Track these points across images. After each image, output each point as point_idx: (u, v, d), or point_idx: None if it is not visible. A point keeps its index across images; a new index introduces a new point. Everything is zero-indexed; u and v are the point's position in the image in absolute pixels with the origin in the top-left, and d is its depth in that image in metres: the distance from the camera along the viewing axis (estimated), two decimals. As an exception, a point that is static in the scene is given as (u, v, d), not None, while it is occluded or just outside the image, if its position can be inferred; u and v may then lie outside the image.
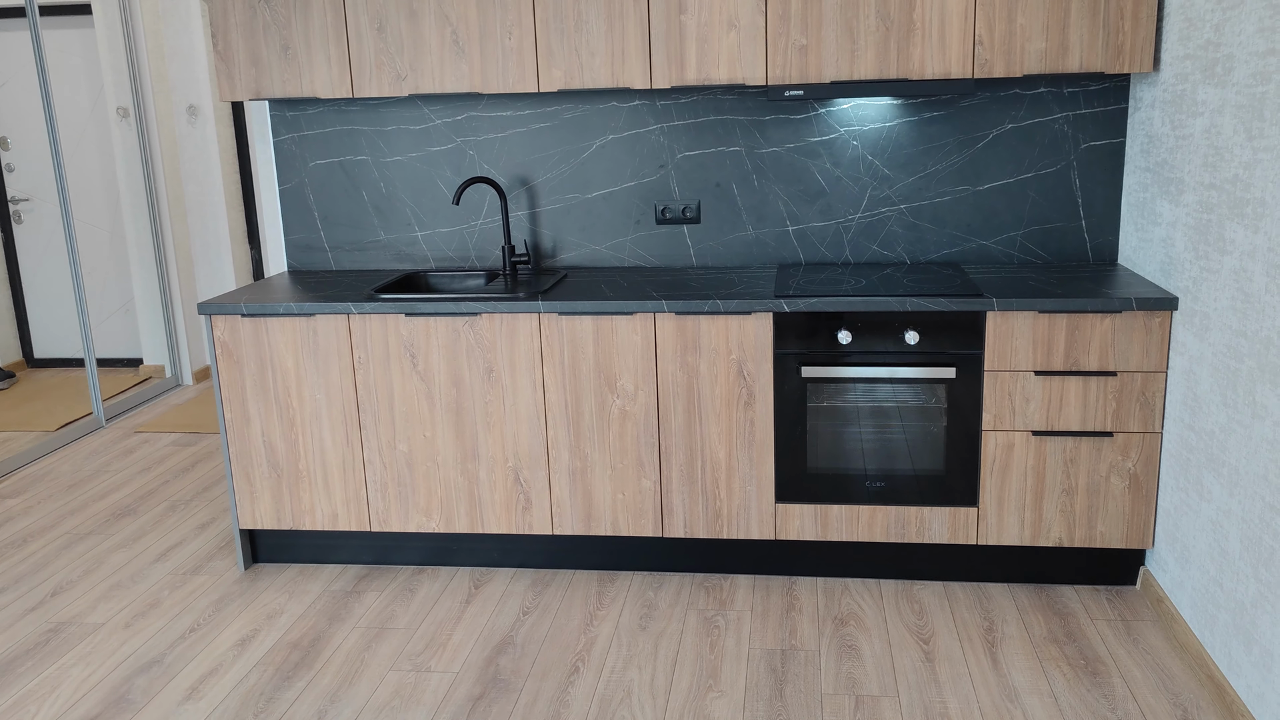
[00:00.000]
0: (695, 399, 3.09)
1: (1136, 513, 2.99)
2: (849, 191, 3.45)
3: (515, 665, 2.80)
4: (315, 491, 3.32)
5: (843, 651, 2.81)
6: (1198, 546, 2.68)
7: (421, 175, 3.63)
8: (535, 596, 3.19)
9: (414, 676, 2.77)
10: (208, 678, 2.79)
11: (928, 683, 2.65)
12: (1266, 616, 2.28)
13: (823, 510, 3.12)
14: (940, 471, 3.06)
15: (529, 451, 3.19)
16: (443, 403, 3.19)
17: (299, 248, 3.75)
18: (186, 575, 3.42)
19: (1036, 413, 2.97)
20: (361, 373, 3.20)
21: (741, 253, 3.55)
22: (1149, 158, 3.07)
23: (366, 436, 3.25)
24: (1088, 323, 2.89)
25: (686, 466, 3.14)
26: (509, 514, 3.25)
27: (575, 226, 3.60)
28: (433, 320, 3.13)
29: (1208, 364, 2.61)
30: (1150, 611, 2.95)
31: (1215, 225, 2.56)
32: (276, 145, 3.67)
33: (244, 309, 3.18)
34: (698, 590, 3.19)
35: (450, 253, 3.68)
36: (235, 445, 3.32)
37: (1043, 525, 3.04)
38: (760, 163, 3.47)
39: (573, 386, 3.13)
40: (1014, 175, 3.37)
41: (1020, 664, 2.72)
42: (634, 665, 2.78)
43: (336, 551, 3.45)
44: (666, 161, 3.51)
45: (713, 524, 3.18)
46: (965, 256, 3.45)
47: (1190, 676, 2.63)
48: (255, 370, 3.24)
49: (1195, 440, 2.69)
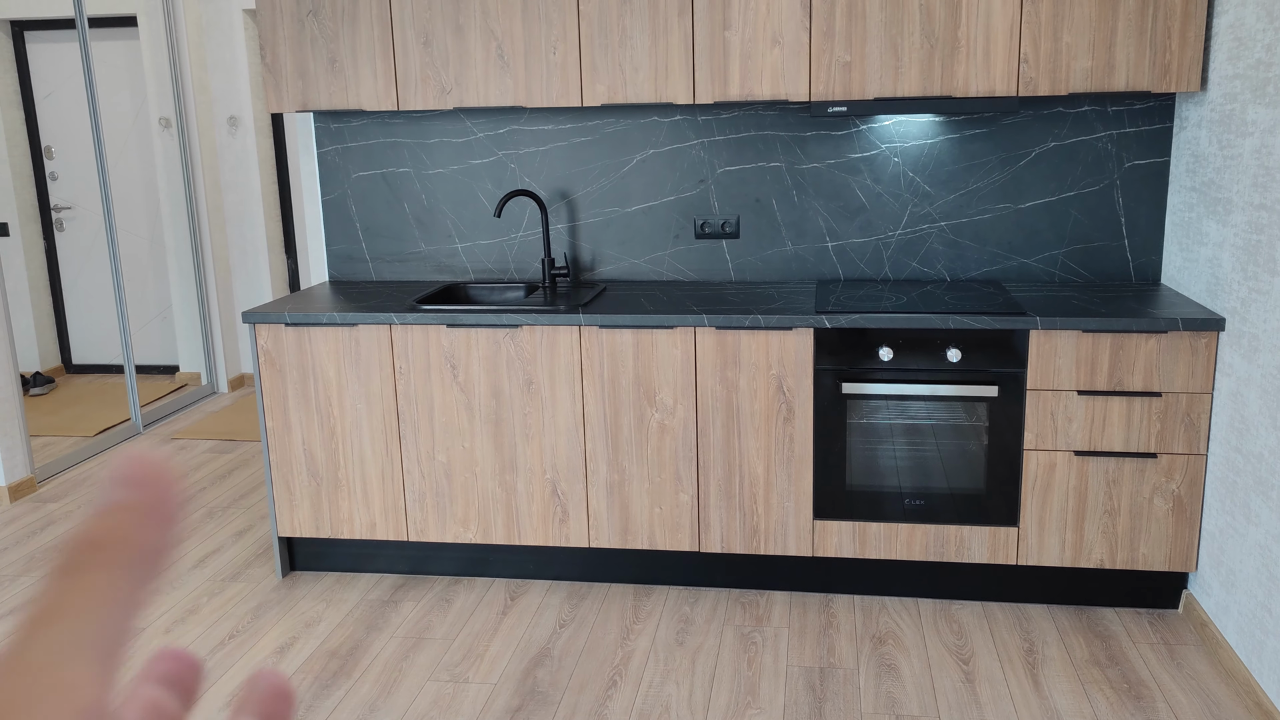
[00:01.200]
0: (734, 414, 3.09)
1: (1180, 535, 2.96)
2: (889, 208, 3.45)
3: (553, 678, 2.80)
4: (354, 500, 3.34)
5: (882, 670, 2.79)
6: (1244, 571, 2.64)
7: (463, 188, 3.66)
8: (571, 609, 3.19)
9: (452, 687, 2.77)
10: (248, 684, 2.81)
11: (969, 703, 2.63)
12: (1318, 643, 2.25)
13: (861, 528, 3.11)
14: (980, 490, 3.04)
15: (567, 464, 3.20)
16: (482, 414, 3.21)
17: (340, 258, 3.79)
18: (225, 582, 3.45)
19: (1079, 432, 2.94)
20: (402, 383, 3.22)
21: (780, 268, 3.55)
22: (1195, 177, 3.05)
23: (406, 446, 3.27)
24: (1132, 343, 2.87)
25: (724, 481, 3.14)
26: (546, 526, 3.26)
27: (614, 240, 3.62)
28: (474, 331, 3.15)
29: (1256, 385, 2.58)
30: (1194, 636, 2.92)
31: (1265, 246, 2.54)
32: (320, 156, 3.71)
33: (288, 318, 3.21)
34: (734, 606, 3.18)
35: (490, 265, 3.71)
36: (276, 453, 3.34)
37: (1084, 546, 3.01)
38: (800, 178, 3.47)
39: (612, 399, 3.13)
40: (1056, 194, 3.36)
41: (1062, 686, 2.69)
42: (671, 680, 2.78)
43: (373, 560, 3.47)
44: (707, 176, 3.52)
45: (750, 539, 3.17)
46: (1006, 274, 3.44)
47: (1237, 703, 2.59)
48: (297, 379, 3.27)
49: (1242, 463, 2.66)
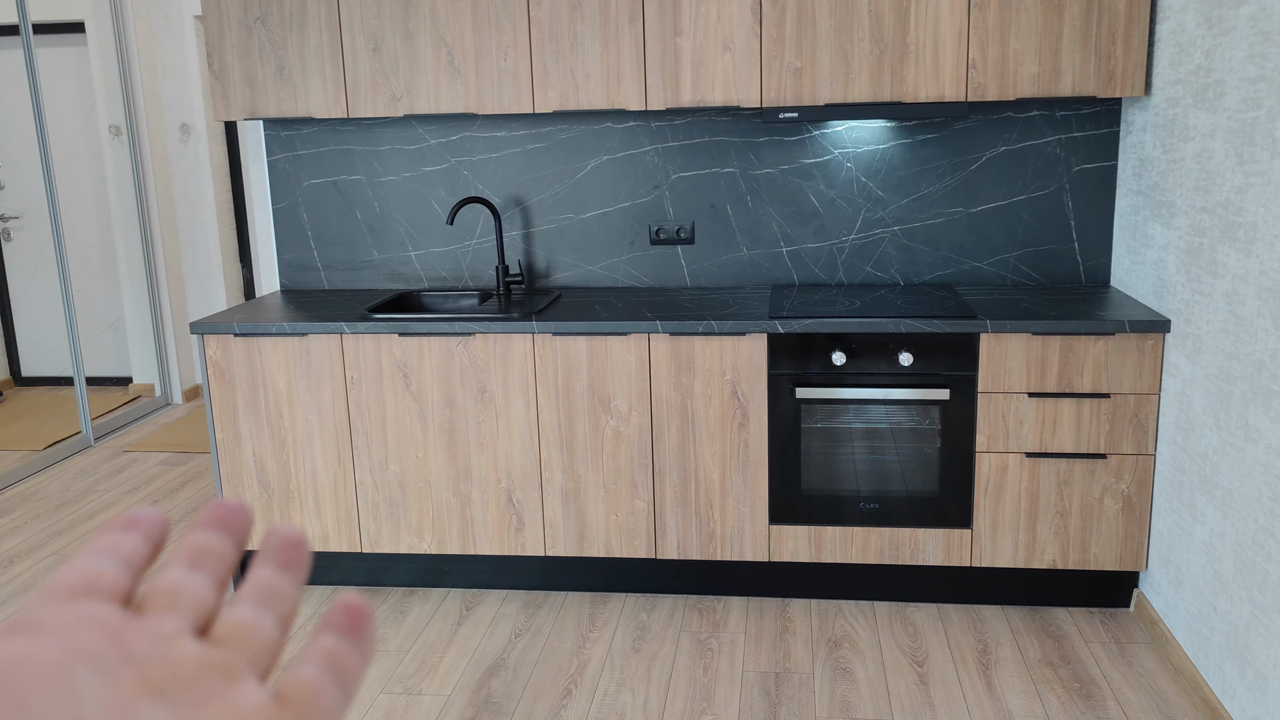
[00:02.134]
0: (689, 420, 3.08)
1: (1130, 535, 2.99)
2: (843, 213, 3.46)
3: (507, 688, 2.78)
4: (306, 512, 3.29)
5: (837, 674, 2.80)
6: (1191, 569, 2.68)
7: (415, 195, 3.63)
8: (527, 618, 3.17)
9: (405, 699, 2.74)
10: (196, 700, 2.76)
11: (922, 706, 2.64)
12: (1260, 639, 2.28)
13: (816, 532, 3.11)
14: (934, 493, 3.06)
15: (522, 472, 3.18)
16: (436, 423, 3.18)
17: (292, 267, 3.75)
18: (175, 596, 3.39)
19: (1030, 434, 2.97)
20: (354, 393, 3.19)
21: (735, 273, 3.55)
22: (1141, 181, 3.09)
23: (358, 457, 3.23)
24: (1081, 345, 2.90)
25: (680, 488, 3.13)
26: (501, 535, 3.24)
27: (569, 247, 3.61)
28: (426, 340, 3.13)
29: (1200, 386, 2.62)
30: (1144, 634, 2.95)
31: (1207, 248, 2.58)
32: (270, 164, 3.67)
33: (236, 328, 3.17)
34: (691, 612, 3.17)
35: (444, 272, 3.68)
36: (226, 465, 3.29)
37: (1037, 547, 3.04)
38: (754, 184, 3.48)
39: (566, 407, 3.12)
40: (1007, 197, 3.39)
41: (1015, 687, 2.71)
42: (627, 688, 2.76)
43: (327, 572, 3.42)
44: (661, 182, 3.52)
45: (706, 545, 3.17)
46: (958, 278, 3.47)
47: (1184, 700, 2.62)
48: (247, 390, 3.23)
49: (1188, 462, 2.70)
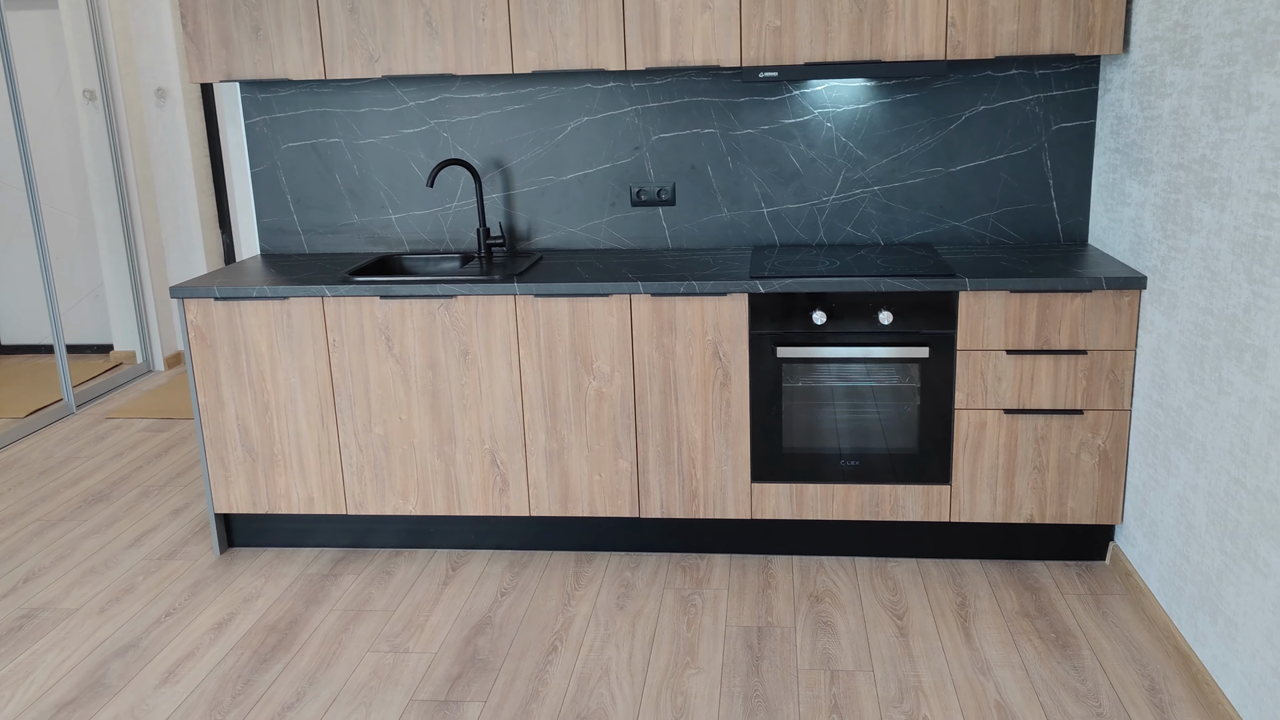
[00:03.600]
0: (671, 380, 3.10)
1: (1106, 489, 3.04)
2: (823, 173, 3.47)
3: (493, 645, 2.81)
4: (291, 475, 3.30)
5: (818, 628, 2.84)
6: (1165, 521, 2.72)
7: (395, 158, 3.61)
8: (513, 578, 3.20)
9: (392, 657, 2.77)
10: (184, 661, 2.79)
11: (901, 657, 2.68)
12: (1231, 588, 2.33)
13: (798, 489, 3.15)
14: (914, 450, 3.09)
15: (505, 433, 3.20)
16: (419, 385, 3.19)
17: (271, 231, 3.73)
18: (161, 560, 3.40)
19: (1008, 391, 3.00)
20: (336, 356, 3.19)
21: (716, 234, 3.56)
22: (1118, 139, 3.11)
23: (342, 420, 3.24)
24: (1058, 302, 2.92)
25: (663, 447, 3.16)
26: (486, 496, 3.26)
27: (550, 209, 3.60)
28: (408, 303, 3.13)
29: (1175, 342, 2.65)
30: (1119, 585, 3.00)
31: (1183, 205, 2.60)
32: (248, 128, 3.64)
33: (217, 292, 3.16)
34: (675, 570, 3.21)
35: (424, 235, 3.67)
36: (209, 429, 3.30)
37: (1014, 502, 3.08)
38: (735, 145, 3.48)
39: (549, 368, 3.13)
40: (986, 157, 3.40)
41: (992, 638, 2.76)
42: (612, 644, 2.80)
43: (313, 535, 3.44)
44: (642, 144, 3.52)
45: (689, 504, 3.20)
46: (938, 237, 3.48)
47: (1158, 648, 2.68)
48: (229, 354, 3.22)
49: (1163, 417, 2.74)
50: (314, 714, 2.53)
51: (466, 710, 2.52)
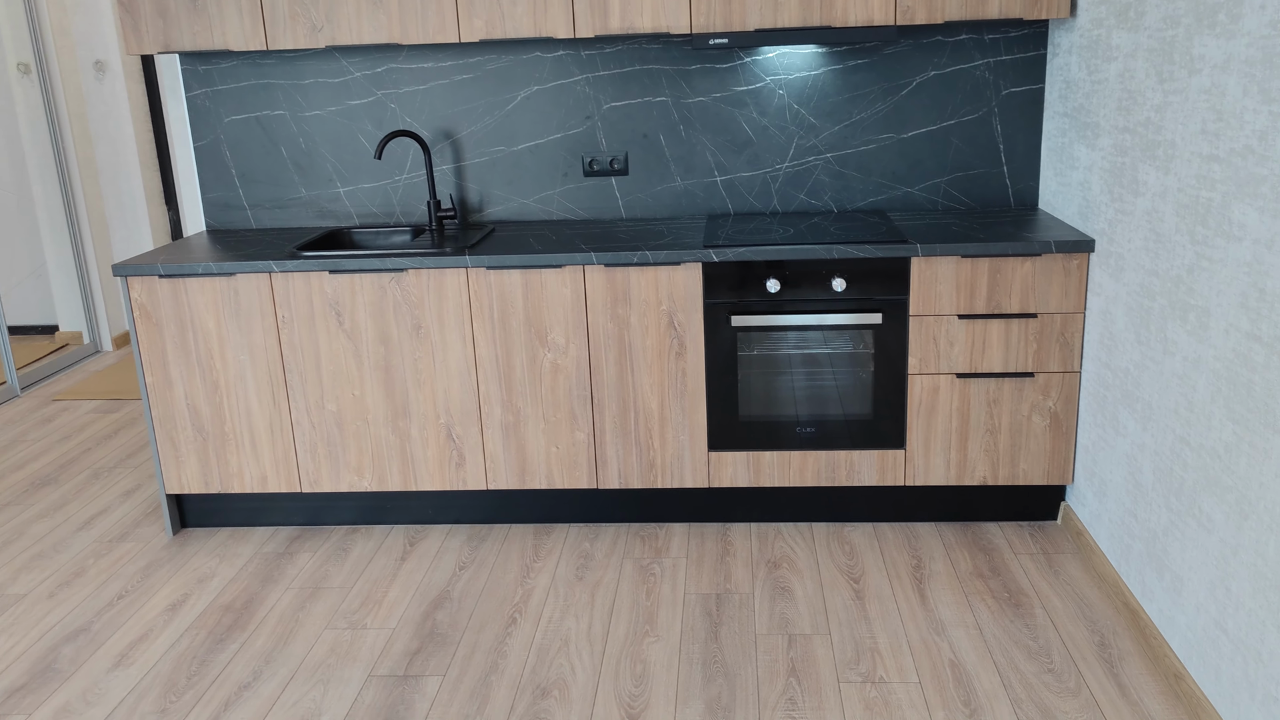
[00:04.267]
0: (627, 351, 3.09)
1: (1057, 450, 3.08)
2: (776, 141, 3.46)
3: (452, 619, 2.81)
4: (243, 454, 3.26)
5: (776, 593, 2.86)
6: (1114, 480, 2.77)
7: (342, 130, 3.55)
8: (471, 551, 3.19)
9: (350, 634, 2.75)
10: (138, 644, 2.75)
11: (858, 620, 2.72)
12: (1176, 544, 2.37)
13: (755, 457, 3.16)
14: (869, 416, 3.11)
15: (461, 407, 3.17)
16: (371, 361, 3.15)
17: (217, 207, 3.65)
18: (112, 543, 3.35)
19: (960, 355, 3.03)
20: (286, 332, 3.14)
21: (670, 204, 3.54)
22: (1067, 103, 3.13)
23: (294, 397, 3.20)
24: (1009, 266, 2.95)
25: (619, 418, 3.15)
26: (442, 471, 3.24)
27: (502, 180, 3.56)
28: (358, 277, 3.08)
29: (1122, 303, 2.69)
30: (1071, 544, 3.06)
31: (1129, 168, 2.63)
32: (189, 101, 3.55)
33: (161, 269, 3.09)
34: (634, 540, 3.22)
35: (374, 209, 3.62)
36: (158, 409, 3.24)
37: (968, 465, 3.12)
38: (687, 113, 3.46)
39: (503, 341, 3.11)
40: (937, 122, 3.41)
41: (947, 599, 2.80)
42: (571, 614, 2.80)
43: (267, 514, 3.40)
44: (593, 113, 3.48)
45: (647, 474, 3.20)
46: (891, 204, 3.49)
47: (1108, 604, 2.73)
48: (175, 332, 3.16)
49: (1111, 378, 2.78)
50: (271, 692, 2.51)
51: (425, 684, 2.52)
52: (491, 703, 2.43)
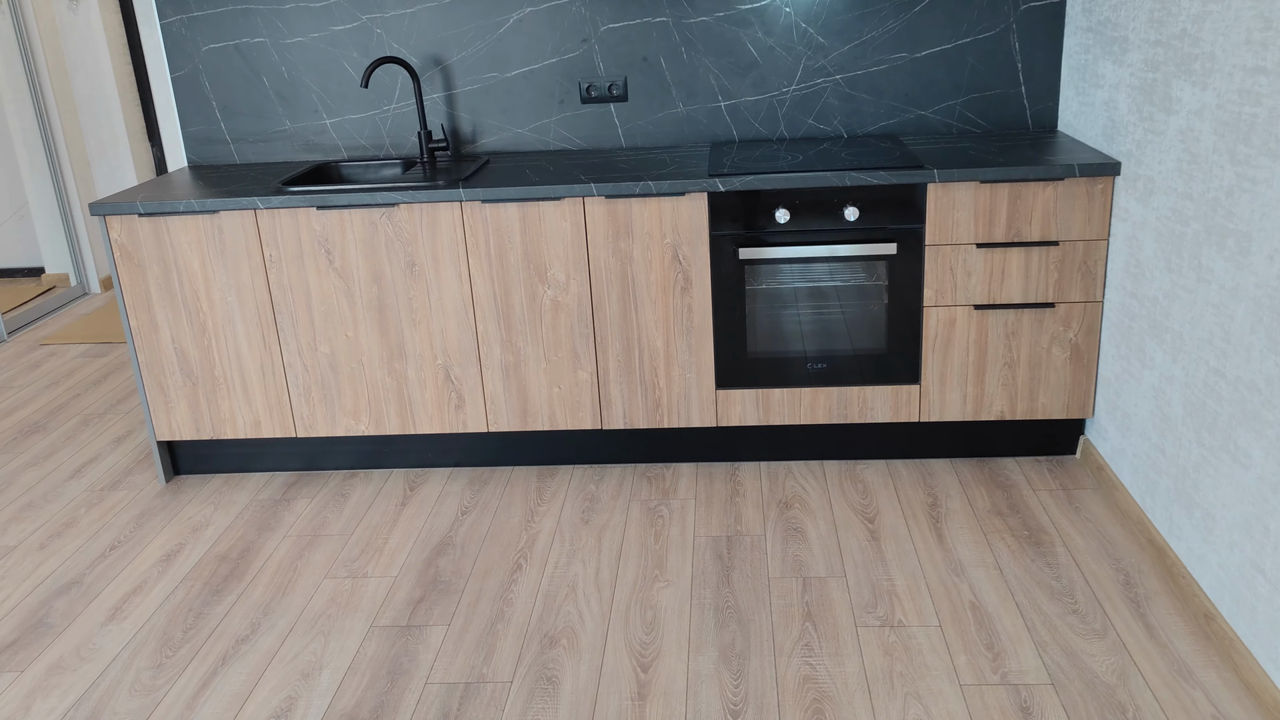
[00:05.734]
0: (630, 286, 2.96)
1: (1078, 383, 2.98)
2: (782, 62, 3.29)
3: (456, 566, 2.72)
4: (235, 399, 3.15)
5: (788, 535, 2.78)
6: (1139, 414, 2.67)
7: (326, 57, 3.37)
8: (473, 495, 3.10)
9: (350, 583, 2.67)
10: (131, 596, 2.67)
11: (874, 561, 2.63)
12: (1208, 480, 2.28)
13: (764, 395, 3.05)
14: (882, 350, 3.00)
15: (458, 348, 3.06)
16: (364, 300, 3.02)
17: (198, 141, 3.49)
18: (104, 492, 3.26)
19: (978, 286, 2.90)
20: (274, 272, 3.01)
21: (672, 131, 3.38)
22: (1091, 17, 2.95)
23: (285, 339, 3.08)
24: (1029, 192, 2.81)
25: (623, 356, 3.04)
26: (441, 413, 3.13)
27: (495, 108, 3.40)
28: (347, 213, 2.94)
29: (1151, 229, 2.55)
30: (1091, 480, 2.97)
31: (1161, 84, 2.47)
32: (164, 28, 3.37)
33: (140, 208, 2.95)
34: (640, 481, 3.12)
35: (363, 141, 3.46)
36: (144, 354, 3.12)
37: (985, 399, 3.01)
38: (689, 34, 3.28)
39: (501, 278, 2.98)
40: (952, 40, 3.24)
41: (965, 538, 2.71)
42: (578, 559, 2.72)
43: (262, 459, 3.31)
44: (589, 35, 3.31)
45: (653, 414, 3.10)
46: (903, 128, 3.34)
47: (1131, 541, 2.65)
48: (159, 273, 3.03)
49: (1137, 308, 2.65)
50: (270, 645, 2.43)
51: (430, 634, 2.44)
52: (498, 653, 2.36)
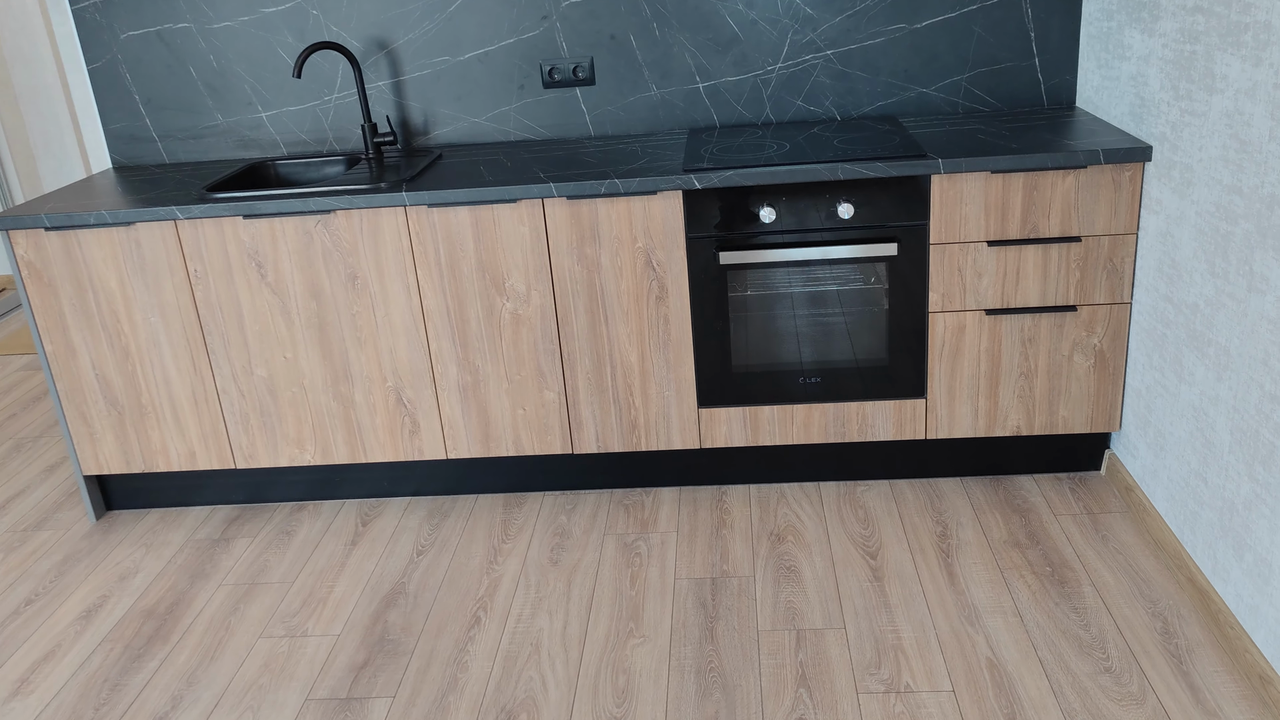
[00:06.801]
0: (598, 296, 2.64)
1: (1103, 393, 2.65)
2: (766, 37, 2.94)
3: (406, 621, 2.42)
4: (165, 428, 2.84)
5: (780, 575, 2.47)
6: (1176, 433, 2.35)
7: (257, 43, 3.03)
8: (432, 530, 2.79)
9: (287, 643, 2.37)
10: (41, 665, 2.37)
11: (877, 608, 2.33)
12: (1263, 521, 1.96)
13: (752, 413, 2.74)
14: (883, 361, 2.68)
15: (410, 368, 2.74)
16: (302, 318, 2.70)
17: (122, 140, 3.15)
18: (27, 532, 2.96)
19: (990, 289, 2.58)
20: (200, 289, 2.69)
21: (646, 117, 3.04)
22: (1114, -21, 2.60)
23: (216, 362, 2.76)
24: (1047, 181, 2.47)
25: (594, 374, 2.72)
26: (394, 440, 2.82)
27: (449, 96, 3.05)
28: (277, 221, 2.61)
29: (1190, 225, 2.22)
30: (1118, 501, 2.65)
31: (1202, 57, 2.13)
32: (76, 14, 3.02)
33: (47, 220, 2.62)
34: (617, 509, 2.82)
35: (303, 135, 3.12)
36: (63, 381, 2.80)
37: (998, 414, 2.70)
38: (661, 8, 2.93)
39: (454, 290, 2.65)
40: (956, 8, 2.89)
41: (979, 576, 2.41)
42: (543, 610, 2.42)
43: (202, 492, 3.00)
44: (550, 11, 2.96)
45: (628, 436, 2.78)
46: (903, 108, 2.99)
47: (1168, 579, 2.34)
48: (73, 293, 2.71)
49: (1173, 314, 2.33)
50: (191, 726, 2.14)
51: (371, 708, 2.14)
52: (448, 733, 2.06)
